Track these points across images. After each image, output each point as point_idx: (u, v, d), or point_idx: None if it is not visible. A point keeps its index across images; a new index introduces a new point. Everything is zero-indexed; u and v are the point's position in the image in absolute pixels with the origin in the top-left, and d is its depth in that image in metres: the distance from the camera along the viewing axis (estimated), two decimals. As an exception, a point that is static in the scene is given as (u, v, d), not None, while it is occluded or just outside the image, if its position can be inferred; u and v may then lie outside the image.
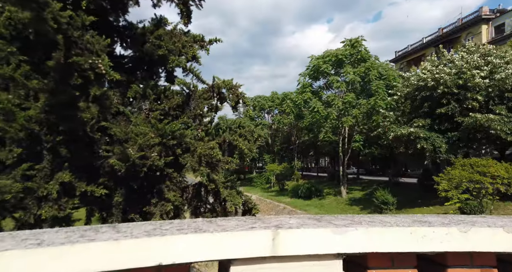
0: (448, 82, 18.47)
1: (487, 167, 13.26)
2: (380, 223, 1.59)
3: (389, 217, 1.83)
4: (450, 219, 1.77)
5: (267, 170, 40.98)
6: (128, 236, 1.27)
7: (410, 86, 20.93)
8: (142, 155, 4.22)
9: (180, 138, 4.53)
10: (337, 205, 27.07)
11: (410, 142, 19.66)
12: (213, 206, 5.47)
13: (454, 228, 1.49)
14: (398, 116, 21.92)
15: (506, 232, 1.51)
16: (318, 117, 26.91)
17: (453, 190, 13.47)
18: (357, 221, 1.63)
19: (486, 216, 1.94)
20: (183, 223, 1.57)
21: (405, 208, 21.87)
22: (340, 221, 1.62)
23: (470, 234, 1.50)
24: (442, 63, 20.09)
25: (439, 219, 1.79)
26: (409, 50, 49.42)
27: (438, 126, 19.60)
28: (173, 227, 1.46)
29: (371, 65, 26.56)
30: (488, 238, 1.51)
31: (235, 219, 1.69)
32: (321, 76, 28.55)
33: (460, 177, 13.25)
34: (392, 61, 51.33)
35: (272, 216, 1.82)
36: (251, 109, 46.93)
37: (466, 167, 13.84)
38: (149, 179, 4.60)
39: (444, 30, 41.79)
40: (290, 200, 31.64)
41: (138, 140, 4.07)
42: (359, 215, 1.94)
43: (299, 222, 1.59)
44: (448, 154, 18.69)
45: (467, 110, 18.42)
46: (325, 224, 1.54)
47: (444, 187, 13.67)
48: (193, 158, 4.51)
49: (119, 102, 4.84)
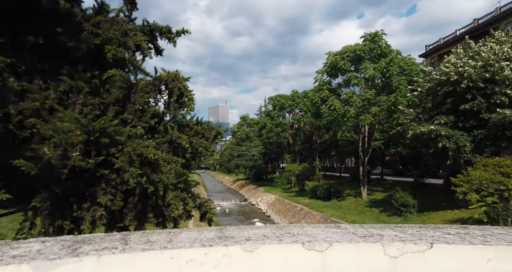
0: (473, 75, 17.00)
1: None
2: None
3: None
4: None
5: (287, 170, 40.15)
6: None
7: (432, 81, 19.52)
8: (63, 155, 3.78)
9: (112, 135, 4.05)
10: (356, 207, 25.90)
11: (431, 141, 18.31)
12: (161, 211, 4.95)
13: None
14: (418, 113, 20.52)
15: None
16: (336, 115, 25.85)
17: (472, 192, 12.24)
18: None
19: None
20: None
21: (428, 211, 20.47)
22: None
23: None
24: (468, 56, 18.55)
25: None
26: (441, 43, 46.64)
27: (462, 124, 18.13)
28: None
29: (392, 60, 25.15)
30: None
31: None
32: (339, 73, 27.43)
33: (480, 178, 12.01)
34: (422, 56, 48.82)
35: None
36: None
37: (489, 167, 12.56)
38: (78, 182, 4.15)
39: (480, 20, 38.87)
40: (308, 201, 30.71)
41: (54, 138, 3.63)
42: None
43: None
44: (473, 153, 17.22)
45: (494, 105, 16.88)
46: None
47: (463, 189, 12.45)
48: (123, 158, 4.01)
49: (55, 97, 4.44)
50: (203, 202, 5.51)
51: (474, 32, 36.96)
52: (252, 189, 52.02)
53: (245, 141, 63.55)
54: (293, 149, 46.87)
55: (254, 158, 52.42)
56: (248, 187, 55.43)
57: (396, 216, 20.68)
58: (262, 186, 50.07)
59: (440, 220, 18.57)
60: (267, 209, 35.00)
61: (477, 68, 17.19)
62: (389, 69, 25.19)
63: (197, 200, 5.46)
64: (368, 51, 26.27)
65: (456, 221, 17.87)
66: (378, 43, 26.00)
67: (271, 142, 45.88)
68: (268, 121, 45.95)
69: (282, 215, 30.10)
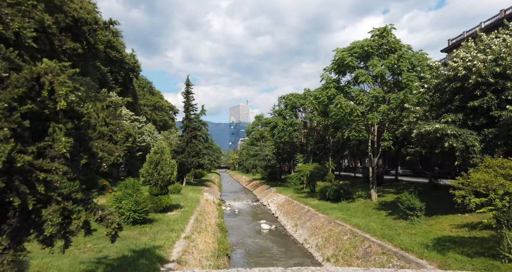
0: (482, 70, 15.78)
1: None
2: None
3: None
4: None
5: (297, 170, 39.30)
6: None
7: (440, 76, 18.34)
8: None
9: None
10: (363, 209, 24.89)
11: (437, 140, 17.20)
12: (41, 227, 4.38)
13: None
14: (426, 111, 19.35)
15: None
16: (343, 114, 24.92)
17: (471, 196, 11.24)
18: None
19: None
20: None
21: (437, 215, 19.28)
22: None
23: None
24: (479, 49, 17.27)
25: None
26: (465, 37, 44.42)
27: (471, 122, 16.89)
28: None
29: (402, 56, 23.97)
30: None
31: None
32: (347, 70, 26.45)
33: (480, 181, 11.01)
34: (444, 51, 46.72)
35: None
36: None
37: (492, 168, 11.51)
38: None
39: (507, 11, 36.43)
40: (317, 203, 29.87)
41: None
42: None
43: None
44: (483, 154, 16.00)
45: (506, 102, 15.60)
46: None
47: (462, 192, 11.46)
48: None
49: None
50: (105, 215, 4.97)
51: (500, 24, 34.75)
52: (265, 189, 51.47)
53: (260, 141, 62.96)
54: (306, 149, 45.91)
55: (267, 158, 51.80)
56: (261, 187, 54.89)
57: (402, 220, 19.63)
58: (275, 186, 49.43)
59: (448, 225, 17.44)
60: (276, 210, 34.39)
61: (487, 62, 15.95)
62: (399, 65, 24.06)
63: (99, 212, 4.94)
64: (376, 46, 25.18)
65: (465, 226, 16.72)
66: (387, 38, 24.88)
67: (282, 141, 45.11)
68: (280, 120, 45.22)
69: (289, 217, 29.42)
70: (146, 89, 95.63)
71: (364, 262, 15.17)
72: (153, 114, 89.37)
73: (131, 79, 67.16)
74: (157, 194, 22.11)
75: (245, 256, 18.88)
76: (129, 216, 16.64)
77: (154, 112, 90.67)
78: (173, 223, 18.93)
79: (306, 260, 18.25)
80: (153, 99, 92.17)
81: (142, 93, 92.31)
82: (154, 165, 22.02)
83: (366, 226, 18.98)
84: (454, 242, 14.43)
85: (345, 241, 18.15)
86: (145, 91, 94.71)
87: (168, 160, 22.46)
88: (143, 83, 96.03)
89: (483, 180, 10.95)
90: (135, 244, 13.40)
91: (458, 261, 12.10)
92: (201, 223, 21.77)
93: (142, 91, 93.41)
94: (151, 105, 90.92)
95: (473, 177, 11.44)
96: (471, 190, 11.34)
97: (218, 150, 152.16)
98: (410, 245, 14.47)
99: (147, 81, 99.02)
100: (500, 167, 11.19)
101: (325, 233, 20.71)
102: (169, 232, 16.23)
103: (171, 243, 14.35)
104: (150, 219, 19.16)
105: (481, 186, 10.92)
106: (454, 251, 13.17)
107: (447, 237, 15.45)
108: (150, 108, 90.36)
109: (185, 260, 12.69)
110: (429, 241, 14.97)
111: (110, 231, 4.88)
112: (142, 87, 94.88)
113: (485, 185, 10.85)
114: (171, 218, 20.75)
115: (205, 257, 15.11)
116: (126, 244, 13.16)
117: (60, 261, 10.21)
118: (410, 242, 15.02)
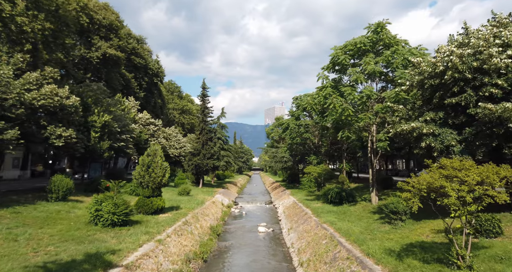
0: (459, 65, 14.73)
1: (463, 170, 10.07)
2: None
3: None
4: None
5: (306, 172, 38.64)
6: None
7: (423, 73, 17.32)
8: None
9: None
10: (360, 213, 24.05)
11: (416, 140, 16.29)
12: None
13: None
14: (409, 109, 18.35)
15: None
16: (336, 114, 24.25)
17: (415, 198, 10.54)
18: None
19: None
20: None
21: (427, 219, 18.16)
22: None
23: None
24: (462, 43, 16.13)
25: None
26: None
27: (452, 120, 15.81)
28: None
29: (396, 52, 22.94)
30: None
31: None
32: (342, 69, 25.74)
33: (421, 183, 10.33)
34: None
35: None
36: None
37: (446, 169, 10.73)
38: None
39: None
40: (319, 205, 29.29)
41: None
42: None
43: None
44: (462, 154, 14.90)
45: (485, 99, 14.44)
46: None
47: (407, 195, 10.80)
48: None
49: None
50: None
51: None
52: (280, 191, 51.14)
53: (280, 143, 62.63)
54: (319, 150, 45.01)
55: (283, 159, 51.41)
56: (279, 189, 54.58)
57: (387, 224, 18.77)
58: (291, 189, 48.99)
59: (430, 230, 16.46)
60: (282, 213, 34.11)
61: (464, 56, 14.85)
62: (392, 62, 23.05)
63: None
64: (371, 43, 24.28)
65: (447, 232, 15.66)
66: (381, 34, 23.90)
67: (295, 143, 44.56)
68: (292, 121, 44.73)
69: (289, 220, 29.04)
70: (175, 94, 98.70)
71: (329, 267, 14.68)
72: (181, 117, 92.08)
73: (156, 83, 69.62)
74: (149, 196, 22.70)
75: (225, 260, 18.77)
76: (108, 218, 16.91)
77: (182, 115, 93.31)
78: (155, 225, 18.96)
79: (283, 265, 17.93)
80: (181, 103, 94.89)
81: (170, 98, 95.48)
82: (146, 167, 22.67)
83: (348, 231, 18.34)
84: (423, 248, 13.60)
85: (323, 245, 17.65)
86: (174, 95, 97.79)
87: (159, 163, 23.02)
88: (172, 88, 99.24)
89: (426, 181, 10.27)
90: (96, 247, 13.34)
91: (410, 267, 11.41)
92: (190, 226, 21.98)
93: (171, 95, 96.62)
94: (179, 109, 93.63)
95: (421, 179, 10.76)
96: (417, 192, 10.66)
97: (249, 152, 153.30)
98: (374, 251, 13.82)
99: (175, 85, 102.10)
100: (446, 167, 10.43)
101: (310, 237, 20.27)
102: (141, 235, 16.17)
103: (135, 246, 14.26)
104: (136, 221, 19.49)
105: (422, 188, 10.24)
106: (415, 257, 12.41)
107: (420, 242, 14.57)
108: (178, 112, 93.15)
109: (139, 264, 12.62)
110: (398, 247, 14.21)
111: None
112: (171, 91, 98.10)
113: (425, 187, 10.18)
114: (159, 220, 20.83)
115: (171, 261, 15.04)
116: (88, 247, 13.19)
117: (3, 265, 10.25)
118: (378, 247, 14.33)
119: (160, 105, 76.97)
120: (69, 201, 21.42)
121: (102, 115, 27.91)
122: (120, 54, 48.65)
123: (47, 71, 21.61)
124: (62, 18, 24.39)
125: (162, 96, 77.41)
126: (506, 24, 15.31)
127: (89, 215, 17.09)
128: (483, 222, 13.35)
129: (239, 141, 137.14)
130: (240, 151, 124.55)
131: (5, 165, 37.65)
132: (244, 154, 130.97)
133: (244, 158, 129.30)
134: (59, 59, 26.19)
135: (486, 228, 13.31)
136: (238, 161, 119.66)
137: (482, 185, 9.67)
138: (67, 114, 22.04)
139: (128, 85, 57.90)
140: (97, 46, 45.53)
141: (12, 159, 39.25)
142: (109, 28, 48.31)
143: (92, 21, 45.19)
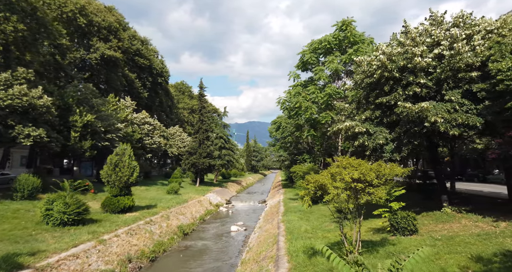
0: (387, 64, 14.57)
1: (349, 167, 10.12)
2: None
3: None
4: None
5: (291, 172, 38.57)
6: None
7: (364, 72, 17.16)
8: None
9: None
10: (326, 212, 23.94)
11: (353, 139, 16.24)
12: None
13: None
14: (353, 108, 18.22)
15: None
16: (303, 113, 24.32)
17: (307, 197, 10.69)
18: None
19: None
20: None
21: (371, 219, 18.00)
22: None
23: None
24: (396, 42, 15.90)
25: None
26: None
27: (386, 119, 15.64)
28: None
29: (359, 50, 22.70)
30: None
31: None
32: (309, 67, 25.71)
33: (314, 181, 10.49)
34: None
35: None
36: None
37: (342, 167, 10.82)
38: None
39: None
40: (295, 205, 29.38)
41: None
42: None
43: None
44: (392, 153, 14.76)
45: (411, 98, 14.22)
46: None
47: (301, 193, 11.02)
48: None
49: None
50: None
51: None
52: (277, 190, 51.26)
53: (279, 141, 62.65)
54: (312, 149, 44.76)
55: (280, 158, 51.43)
56: (277, 189, 54.72)
57: (334, 223, 18.76)
58: (288, 188, 49.02)
59: (367, 228, 16.44)
60: (264, 212, 34.35)
61: (394, 55, 14.66)
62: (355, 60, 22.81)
63: None
64: (336, 41, 24.13)
65: (380, 230, 15.61)
66: (346, 32, 23.70)
67: (288, 141, 44.54)
68: (285, 120, 44.75)
69: (265, 219, 29.26)
70: (186, 94, 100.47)
71: (256, 266, 14.90)
72: (190, 116, 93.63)
73: (160, 83, 71.28)
74: (116, 195, 23.44)
75: (177, 259, 18.89)
76: (58, 218, 17.22)
77: (192, 115, 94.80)
78: (111, 224, 19.27)
79: (227, 264, 18.19)
80: (191, 103, 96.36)
81: (181, 98, 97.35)
82: (113, 166, 23.47)
83: (295, 229, 18.47)
84: (340, 246, 13.63)
85: (267, 244, 17.85)
86: (185, 95, 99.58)
87: (127, 162, 23.74)
88: (183, 88, 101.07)
89: (314, 179, 10.43)
90: (28, 247, 13.21)
91: (312, 264, 11.53)
92: (153, 225, 22.24)
93: (182, 95, 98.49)
94: (189, 108, 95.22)
95: (315, 177, 10.89)
96: (311, 190, 10.79)
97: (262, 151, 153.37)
98: (295, 250, 13.95)
99: (186, 86, 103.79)
100: (338, 166, 10.52)
101: (263, 236, 20.51)
102: (84, 235, 16.15)
103: (68, 246, 14.06)
104: (96, 220, 19.86)
105: (311, 187, 10.40)
106: (324, 255, 12.46)
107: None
108: (187, 111, 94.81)
109: (59, 265, 12.46)
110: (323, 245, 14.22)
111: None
112: (182, 91, 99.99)
113: (314, 185, 10.33)
114: (122, 219, 21.21)
115: (105, 261, 14.93)
116: (17, 247, 13.10)
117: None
118: (301, 246, 14.44)
119: (169, 105, 78.72)
120: (37, 199, 22.36)
121: (85, 115, 29.14)
122: (119, 55, 50.24)
123: (19, 72, 22.84)
124: (39, 20, 25.71)
125: (170, 95, 79.10)
126: (441, 23, 14.98)
127: (40, 214, 17.76)
128: (399, 219, 13.32)
129: (253, 140, 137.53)
130: (253, 150, 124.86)
131: (13, 163, 39.81)
132: (258, 153, 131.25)
133: (258, 157, 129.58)
134: (37, 60, 27.53)
135: (402, 226, 13.27)
136: (252, 160, 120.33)
137: (360, 182, 9.77)
138: (40, 114, 23.22)
139: (132, 85, 59.71)
140: (95, 47, 47.23)
141: (20, 157, 41.25)
142: (108, 30, 49.97)
143: (91, 23, 47.00)
